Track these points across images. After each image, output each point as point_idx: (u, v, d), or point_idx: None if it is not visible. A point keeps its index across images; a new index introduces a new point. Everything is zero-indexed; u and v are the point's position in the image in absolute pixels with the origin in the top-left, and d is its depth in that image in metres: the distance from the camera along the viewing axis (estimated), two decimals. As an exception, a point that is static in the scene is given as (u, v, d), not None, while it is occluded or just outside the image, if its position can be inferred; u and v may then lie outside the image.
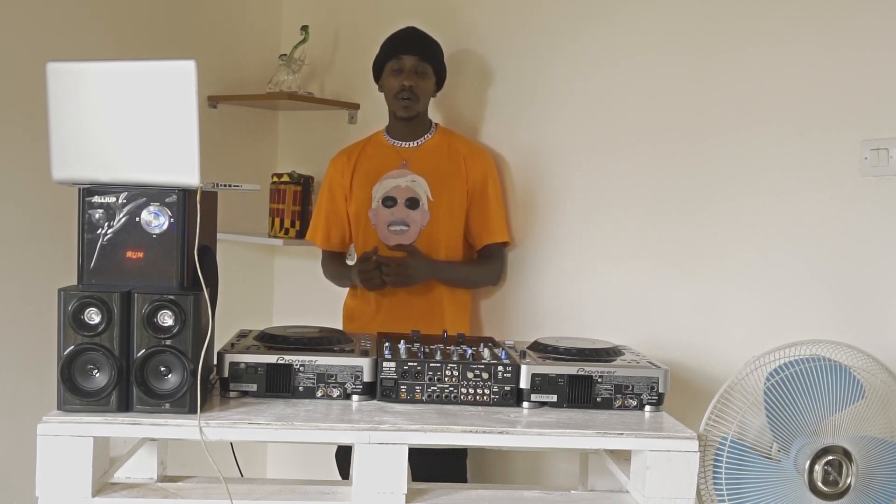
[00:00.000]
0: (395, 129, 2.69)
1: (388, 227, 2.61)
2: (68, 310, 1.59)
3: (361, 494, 1.65)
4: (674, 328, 2.42)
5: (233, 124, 3.21)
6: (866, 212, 2.08)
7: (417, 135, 2.67)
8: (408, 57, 2.58)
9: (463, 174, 2.64)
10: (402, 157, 2.66)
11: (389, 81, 2.60)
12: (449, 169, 2.64)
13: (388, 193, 2.62)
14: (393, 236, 2.60)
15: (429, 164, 2.64)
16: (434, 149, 2.67)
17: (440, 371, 1.82)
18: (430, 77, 2.63)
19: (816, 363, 1.73)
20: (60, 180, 1.66)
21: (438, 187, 2.62)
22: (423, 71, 2.60)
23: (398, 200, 2.61)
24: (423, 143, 2.67)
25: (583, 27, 2.60)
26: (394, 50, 2.60)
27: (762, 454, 1.72)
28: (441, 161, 2.65)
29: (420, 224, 2.60)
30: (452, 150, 2.67)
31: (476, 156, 2.68)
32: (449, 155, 2.66)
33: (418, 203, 2.60)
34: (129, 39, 2.87)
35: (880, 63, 2.05)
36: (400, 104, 2.59)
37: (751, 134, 2.27)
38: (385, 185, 2.64)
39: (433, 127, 2.71)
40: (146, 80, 1.62)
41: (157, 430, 1.63)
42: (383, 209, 2.62)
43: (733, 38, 2.29)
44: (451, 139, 2.69)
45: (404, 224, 2.60)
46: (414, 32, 2.64)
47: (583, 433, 1.70)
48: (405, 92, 2.56)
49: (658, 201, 2.45)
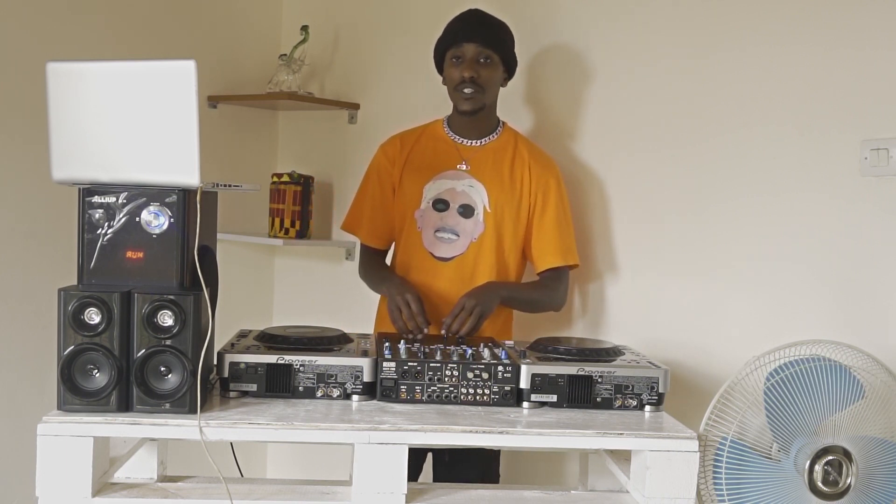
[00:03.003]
0: (456, 124, 2.41)
1: (436, 233, 2.35)
2: (68, 310, 1.59)
3: (361, 494, 1.65)
4: (674, 328, 2.42)
5: (233, 124, 3.21)
6: (866, 212, 2.08)
7: (482, 133, 2.40)
8: (469, 45, 2.30)
9: (527, 184, 2.38)
10: (462, 156, 2.39)
11: (450, 72, 2.33)
12: (511, 177, 2.38)
13: (440, 195, 2.36)
14: (439, 244, 2.35)
15: (491, 170, 2.37)
16: (498, 152, 2.40)
17: (440, 371, 1.81)
18: (497, 66, 2.34)
19: (816, 363, 1.73)
20: (60, 180, 1.66)
21: (498, 197, 2.36)
22: (488, 59, 2.31)
23: (451, 205, 2.35)
24: (487, 144, 2.40)
25: (582, 28, 2.60)
26: (454, 36, 2.33)
27: (762, 454, 1.72)
28: (503, 167, 2.38)
29: (471, 236, 2.35)
30: (518, 156, 2.40)
31: (543, 166, 2.40)
32: (513, 162, 2.39)
33: (473, 211, 2.35)
34: (129, 39, 2.86)
35: (880, 63, 2.05)
36: (461, 97, 2.32)
37: (751, 134, 2.27)
38: (438, 185, 2.37)
39: (500, 125, 2.44)
40: (146, 80, 1.62)
41: (157, 430, 1.63)
42: (433, 212, 2.35)
43: (733, 38, 2.30)
44: (518, 142, 2.43)
45: (454, 233, 2.34)
46: (476, 15, 2.36)
47: (583, 433, 1.70)
48: (466, 84, 2.29)
49: (658, 201, 2.46)
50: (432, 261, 2.36)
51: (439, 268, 2.35)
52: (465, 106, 2.33)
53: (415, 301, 2.17)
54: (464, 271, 2.35)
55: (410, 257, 2.38)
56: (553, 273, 2.40)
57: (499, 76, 2.37)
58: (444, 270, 2.35)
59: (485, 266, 2.35)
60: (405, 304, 2.17)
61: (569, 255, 2.40)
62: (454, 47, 2.33)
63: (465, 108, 2.33)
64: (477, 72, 2.30)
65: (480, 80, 2.30)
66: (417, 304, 2.17)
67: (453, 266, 2.35)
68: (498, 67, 2.35)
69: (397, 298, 2.19)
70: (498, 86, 2.39)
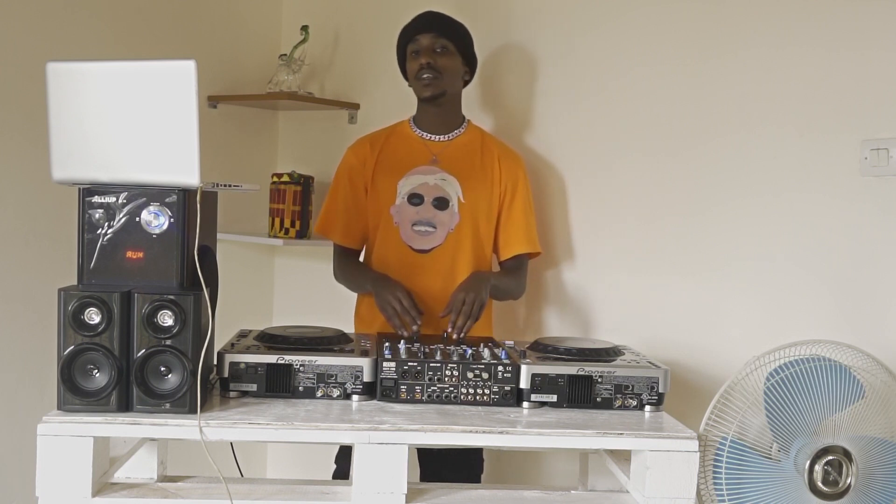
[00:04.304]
0: (423, 120, 2.48)
1: (413, 226, 2.40)
2: (68, 310, 1.59)
3: (361, 494, 1.65)
4: (674, 328, 2.42)
5: (233, 124, 3.21)
6: (866, 212, 2.08)
7: (449, 128, 2.47)
8: (423, 35, 2.40)
9: (497, 176, 2.45)
10: (431, 151, 2.46)
11: (410, 66, 2.43)
12: (482, 169, 2.45)
13: (414, 190, 2.42)
14: (417, 237, 2.40)
15: (461, 163, 2.45)
16: (467, 145, 2.48)
17: (440, 371, 1.82)
18: (454, 55, 2.42)
19: (816, 363, 1.73)
20: (60, 180, 1.66)
21: (470, 188, 2.42)
22: (444, 47, 2.39)
23: (425, 199, 2.41)
24: (455, 139, 2.47)
25: (583, 29, 2.60)
26: (410, 33, 2.44)
27: (762, 454, 1.72)
28: (474, 160, 2.46)
29: (448, 227, 2.40)
30: (486, 149, 2.48)
31: (510, 158, 2.49)
32: (483, 154, 2.47)
33: (447, 203, 2.41)
34: (129, 39, 2.86)
35: (880, 63, 2.05)
36: (420, 84, 2.39)
37: (751, 134, 2.27)
38: (412, 180, 2.43)
39: (465, 122, 2.51)
40: (146, 80, 1.62)
41: (157, 430, 1.63)
42: (408, 207, 2.41)
43: (733, 38, 2.30)
44: (484, 138, 2.51)
45: (430, 225, 2.40)
46: (430, 13, 2.47)
47: (583, 433, 1.70)
48: (424, 70, 2.37)
49: (658, 202, 2.45)
50: (412, 254, 2.41)
51: (419, 260, 2.40)
52: (425, 92, 2.39)
53: (405, 296, 2.22)
54: (443, 262, 2.40)
55: (389, 252, 2.43)
56: (516, 261, 2.49)
57: (457, 67, 2.44)
58: (423, 262, 2.40)
59: (463, 255, 2.41)
60: (396, 301, 2.21)
61: (533, 243, 2.50)
62: (411, 42, 2.43)
63: (425, 93, 2.39)
64: (433, 58, 2.38)
65: (437, 66, 2.38)
66: (408, 298, 2.22)
67: (433, 257, 2.41)
68: (455, 57, 2.43)
69: (387, 296, 2.23)
70: (458, 77, 2.46)
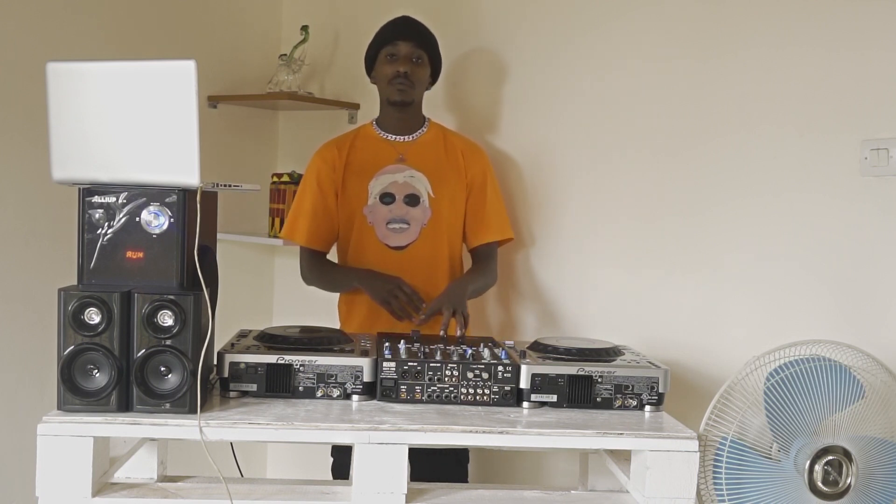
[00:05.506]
0: (387, 122, 2.56)
1: (387, 224, 2.47)
2: (68, 310, 1.59)
3: (361, 494, 1.65)
4: (674, 328, 2.42)
5: (233, 124, 3.21)
6: (866, 212, 2.08)
7: (412, 128, 2.56)
8: (404, 43, 2.47)
9: (462, 169, 2.55)
10: (397, 151, 2.53)
11: (384, 69, 2.49)
12: (448, 164, 2.54)
13: (385, 189, 2.49)
14: (392, 235, 2.47)
15: (427, 160, 2.53)
16: (431, 143, 2.57)
17: (440, 371, 1.81)
18: (426, 66, 2.52)
19: (816, 363, 1.73)
20: (60, 180, 1.66)
21: (439, 183, 2.51)
22: (419, 58, 2.49)
23: (396, 197, 2.48)
24: (419, 138, 2.56)
25: (583, 29, 2.60)
26: (389, 36, 2.50)
27: (762, 454, 1.72)
28: (439, 156, 2.55)
29: (421, 222, 2.48)
30: (449, 144, 2.58)
31: (473, 151, 2.59)
32: (446, 149, 2.56)
33: (418, 199, 2.48)
34: (129, 39, 2.86)
35: (880, 63, 2.05)
36: (394, 89, 2.46)
37: (751, 135, 2.27)
38: (382, 180, 2.50)
39: (426, 121, 2.60)
40: (146, 80, 1.62)
41: (157, 430, 1.63)
42: (381, 206, 2.48)
43: (733, 38, 2.29)
44: (445, 134, 2.61)
45: (404, 222, 2.47)
46: (410, 20, 2.54)
47: (583, 433, 1.70)
48: (400, 78, 2.45)
49: (659, 201, 2.45)
50: (388, 251, 2.48)
51: (395, 257, 2.47)
52: (397, 97, 2.48)
53: (404, 283, 2.32)
54: (420, 256, 2.48)
55: (366, 252, 2.49)
56: (486, 249, 2.58)
57: (427, 76, 2.55)
58: (400, 259, 2.47)
59: (439, 247, 2.49)
60: (398, 290, 2.32)
61: (503, 230, 2.58)
62: (390, 45, 2.49)
63: (397, 98, 2.48)
64: (411, 69, 2.47)
65: (412, 77, 2.47)
66: (408, 285, 2.32)
67: (409, 253, 2.48)
68: (427, 68, 2.53)
69: (387, 287, 2.33)
70: (425, 85, 2.57)
